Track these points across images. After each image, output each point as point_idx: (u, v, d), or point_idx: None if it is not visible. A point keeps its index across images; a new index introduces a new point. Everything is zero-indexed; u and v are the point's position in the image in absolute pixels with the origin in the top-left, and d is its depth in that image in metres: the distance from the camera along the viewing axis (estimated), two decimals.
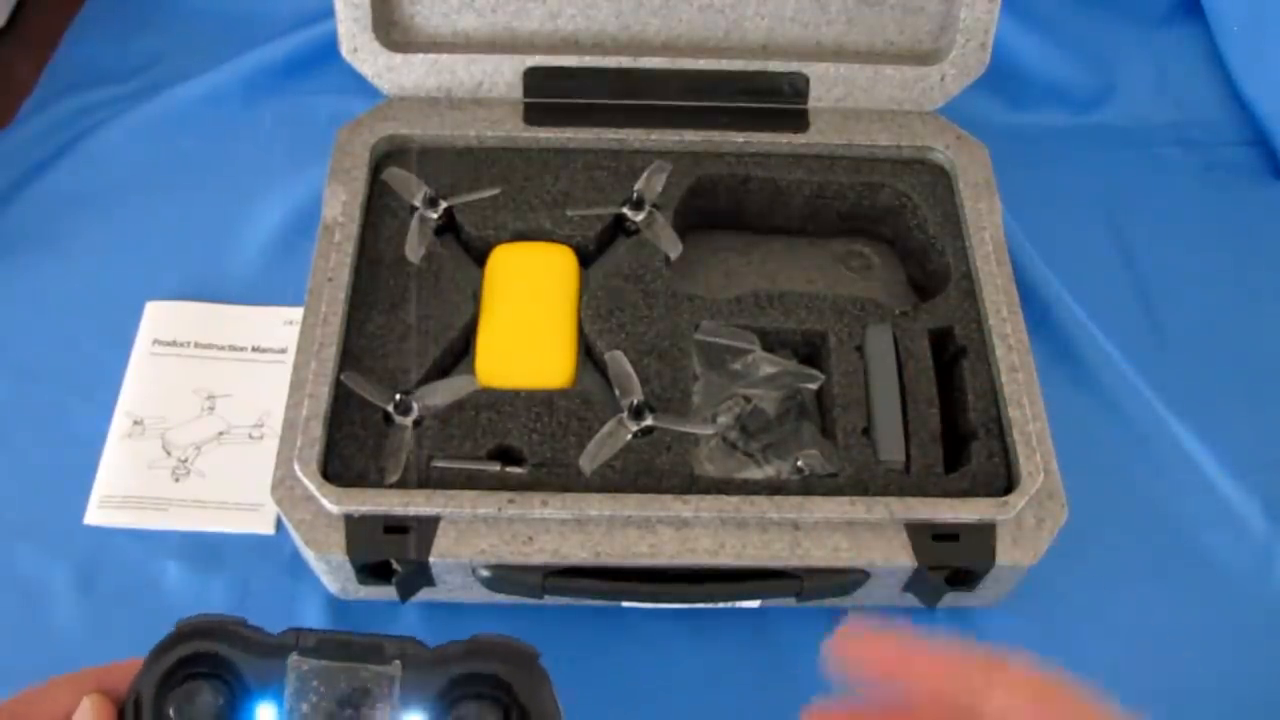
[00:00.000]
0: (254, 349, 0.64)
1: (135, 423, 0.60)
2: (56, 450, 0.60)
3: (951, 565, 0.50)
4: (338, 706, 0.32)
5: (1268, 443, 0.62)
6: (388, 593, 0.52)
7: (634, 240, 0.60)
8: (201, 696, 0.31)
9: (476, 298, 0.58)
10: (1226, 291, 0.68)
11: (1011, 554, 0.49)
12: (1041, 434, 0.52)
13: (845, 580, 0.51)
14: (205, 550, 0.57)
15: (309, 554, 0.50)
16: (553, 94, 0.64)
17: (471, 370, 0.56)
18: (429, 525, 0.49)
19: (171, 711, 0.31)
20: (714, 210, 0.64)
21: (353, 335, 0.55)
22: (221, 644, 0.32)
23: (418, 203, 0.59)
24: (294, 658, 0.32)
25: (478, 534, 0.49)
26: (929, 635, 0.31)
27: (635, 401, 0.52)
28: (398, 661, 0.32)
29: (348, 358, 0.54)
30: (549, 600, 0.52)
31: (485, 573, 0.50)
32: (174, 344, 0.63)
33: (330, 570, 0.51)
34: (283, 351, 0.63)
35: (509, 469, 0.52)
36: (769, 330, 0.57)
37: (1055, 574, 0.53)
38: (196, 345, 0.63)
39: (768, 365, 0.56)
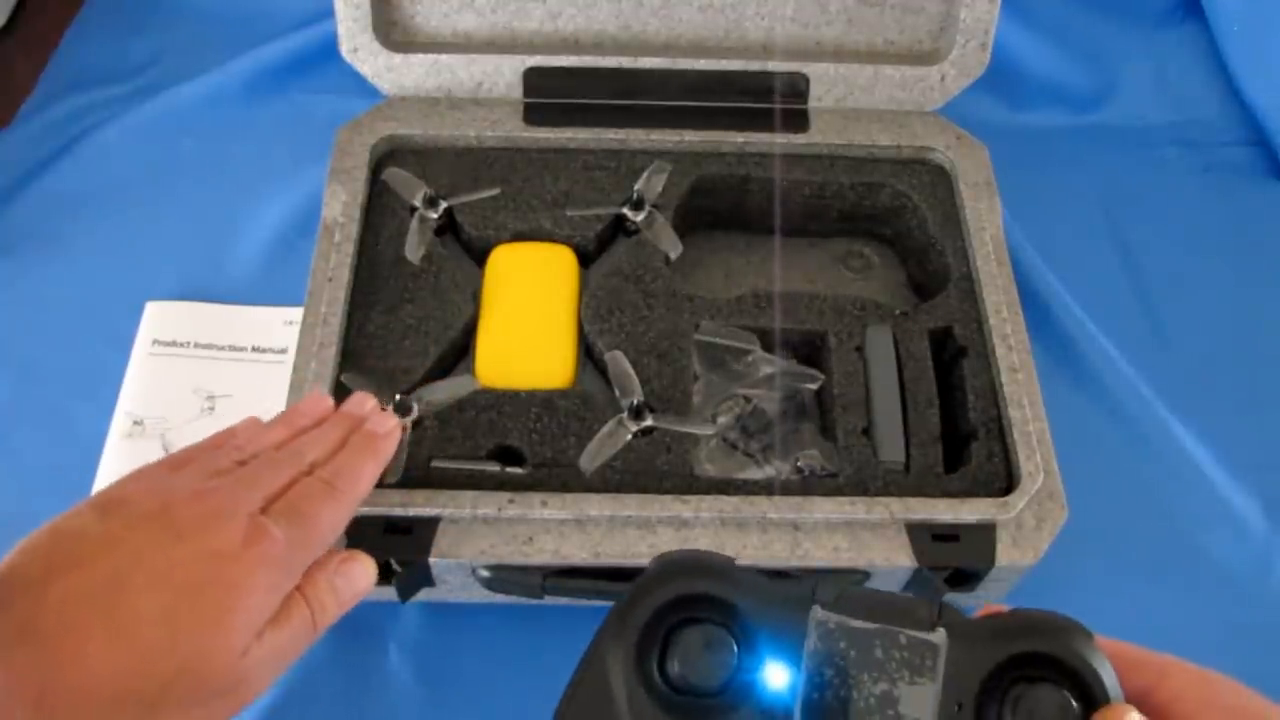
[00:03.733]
0: (254, 349, 0.64)
1: (135, 423, 0.60)
2: (56, 450, 0.60)
3: (952, 566, 0.50)
4: (869, 676, 0.26)
5: (1268, 443, 0.62)
6: (387, 593, 0.52)
7: (634, 240, 0.60)
8: (711, 647, 0.26)
9: (476, 298, 0.58)
10: (1226, 291, 0.68)
11: (1011, 554, 0.49)
12: (1041, 434, 0.52)
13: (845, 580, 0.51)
14: None
15: None
16: (553, 94, 0.64)
17: (471, 370, 0.56)
18: (429, 525, 0.49)
19: (671, 660, 0.26)
20: (714, 210, 0.64)
21: (353, 335, 0.55)
22: (729, 588, 0.27)
23: (418, 203, 0.59)
24: (816, 611, 0.27)
25: (478, 534, 0.49)
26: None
27: (635, 401, 0.52)
28: (943, 630, 0.27)
29: (348, 358, 0.54)
30: (549, 600, 0.52)
31: (485, 573, 0.50)
32: (174, 344, 0.63)
33: None
34: (283, 351, 0.63)
35: (509, 469, 0.52)
36: (769, 330, 0.57)
37: (1055, 574, 0.53)
38: (196, 345, 0.63)
39: (768, 365, 0.56)
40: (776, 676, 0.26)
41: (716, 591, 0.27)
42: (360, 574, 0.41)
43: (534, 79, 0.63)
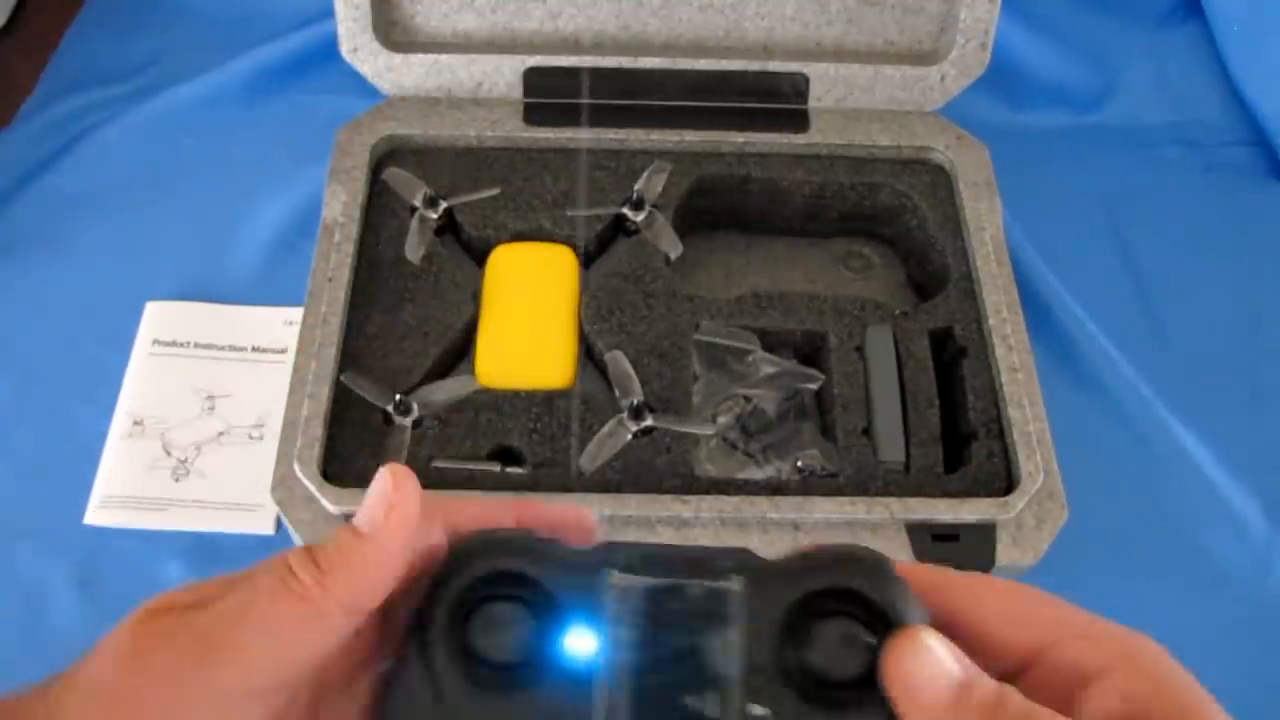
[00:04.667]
0: (254, 349, 0.64)
1: (135, 423, 0.60)
2: (56, 450, 0.60)
3: (952, 565, 0.50)
4: (669, 631, 0.27)
5: (1268, 443, 0.62)
6: None
7: (634, 240, 0.60)
8: (507, 622, 0.27)
9: (476, 298, 0.58)
10: (1226, 291, 0.68)
11: (1011, 554, 0.49)
12: (1041, 434, 0.52)
13: None
14: (205, 550, 0.57)
15: None
16: (553, 94, 0.64)
17: (471, 370, 0.56)
18: None
19: (473, 640, 0.27)
20: (714, 210, 0.64)
21: (353, 335, 0.55)
22: (524, 560, 0.27)
23: (418, 203, 0.59)
24: (612, 575, 0.27)
25: None
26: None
27: (635, 401, 0.52)
28: (737, 576, 0.27)
29: (348, 358, 0.54)
30: None
31: None
32: (174, 344, 0.63)
33: None
34: (283, 351, 0.63)
35: (509, 469, 0.52)
36: (769, 330, 0.57)
37: (1055, 574, 0.53)
38: (196, 345, 0.63)
39: (768, 365, 0.56)
40: (579, 644, 0.27)
41: (514, 567, 0.27)
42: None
43: (534, 79, 0.63)
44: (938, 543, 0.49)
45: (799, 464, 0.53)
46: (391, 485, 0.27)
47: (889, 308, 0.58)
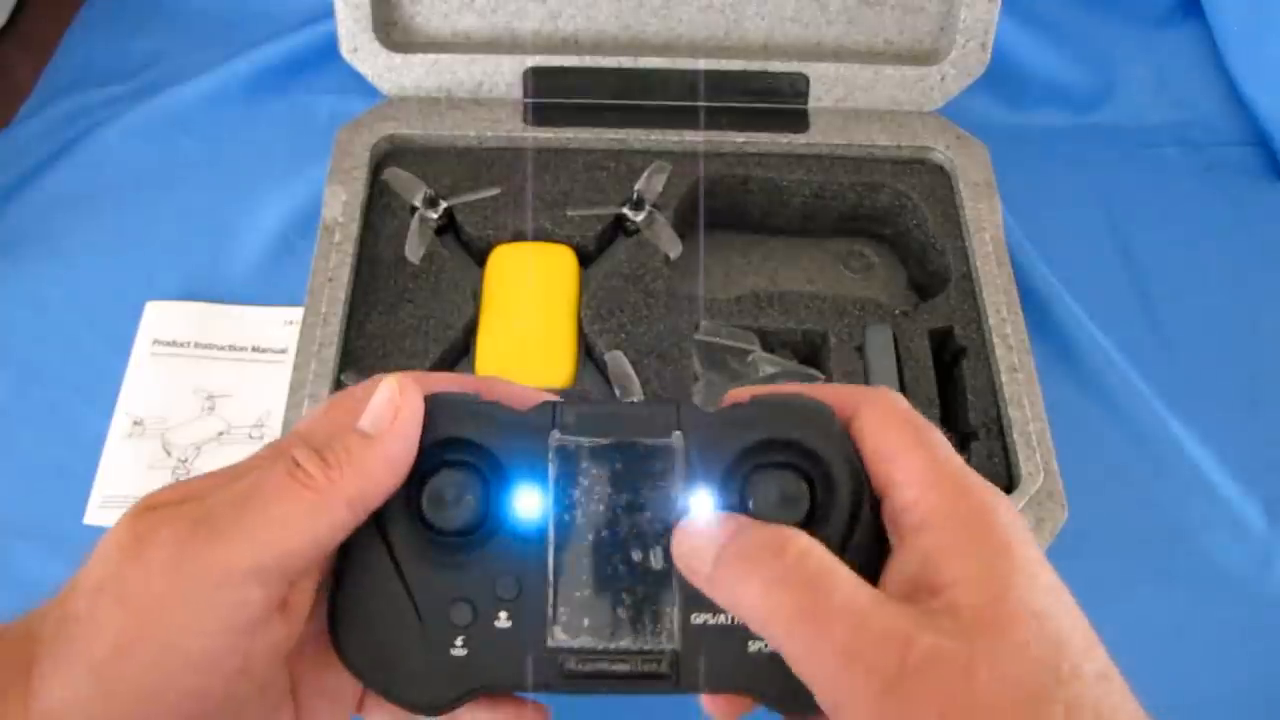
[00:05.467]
0: (254, 349, 0.64)
1: (135, 423, 0.60)
2: (56, 450, 0.60)
3: None
4: (613, 489, 0.28)
5: (1268, 443, 0.62)
6: None
7: (634, 240, 0.60)
8: (455, 490, 0.28)
9: (476, 298, 0.58)
10: (1226, 291, 0.68)
11: None
12: (1041, 434, 0.52)
13: None
14: None
15: None
16: (553, 94, 0.64)
17: (471, 370, 0.56)
18: None
19: (424, 508, 0.28)
20: (714, 210, 0.64)
21: (353, 335, 0.55)
22: (471, 427, 0.28)
23: (418, 203, 0.59)
24: (554, 436, 0.28)
25: None
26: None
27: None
28: (679, 432, 0.28)
29: (348, 358, 0.54)
30: None
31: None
32: (174, 344, 0.63)
33: None
34: (283, 351, 0.63)
35: None
36: (769, 330, 0.57)
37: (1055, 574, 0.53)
38: (196, 345, 0.63)
39: (768, 365, 0.56)
40: (528, 505, 0.28)
41: (458, 433, 0.28)
42: None
43: (534, 79, 0.63)
44: None
45: None
46: (399, 391, 0.28)
47: (889, 308, 0.58)
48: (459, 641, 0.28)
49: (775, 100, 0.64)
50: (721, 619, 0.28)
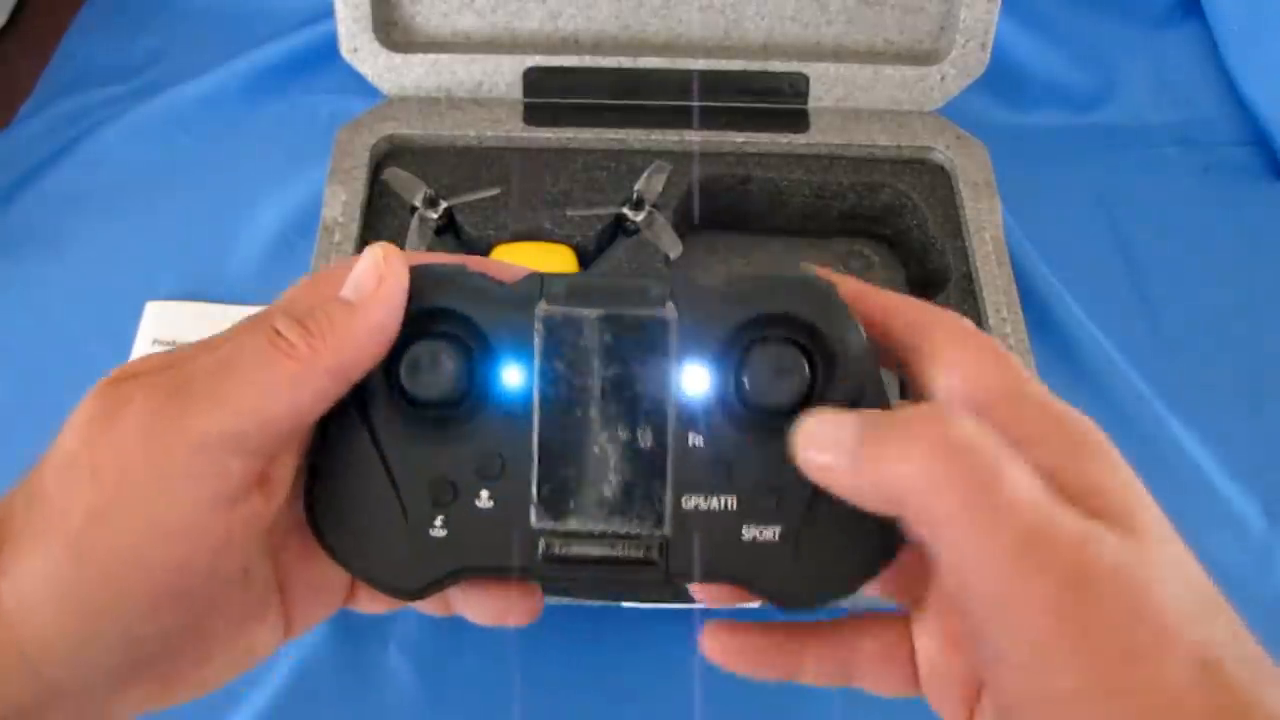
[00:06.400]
0: None
1: None
2: None
3: None
4: (600, 361, 0.26)
5: (1268, 443, 0.62)
6: None
7: (634, 240, 0.60)
8: (436, 360, 0.26)
9: None
10: (1226, 291, 0.68)
11: None
12: None
13: None
14: None
15: None
16: (553, 94, 0.64)
17: None
18: None
19: (403, 378, 0.27)
20: (714, 210, 0.64)
21: None
22: (455, 297, 0.27)
23: (418, 203, 0.59)
24: (541, 306, 0.26)
25: None
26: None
27: None
28: (671, 303, 0.26)
29: None
30: (550, 600, 0.52)
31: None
32: (174, 344, 0.63)
33: None
34: None
35: None
36: None
37: None
38: None
39: None
40: (512, 378, 0.26)
41: (443, 304, 0.27)
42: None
43: (534, 79, 0.63)
44: None
45: None
46: (383, 259, 0.27)
47: None
48: (438, 521, 0.27)
49: (775, 100, 0.64)
50: (715, 503, 0.26)
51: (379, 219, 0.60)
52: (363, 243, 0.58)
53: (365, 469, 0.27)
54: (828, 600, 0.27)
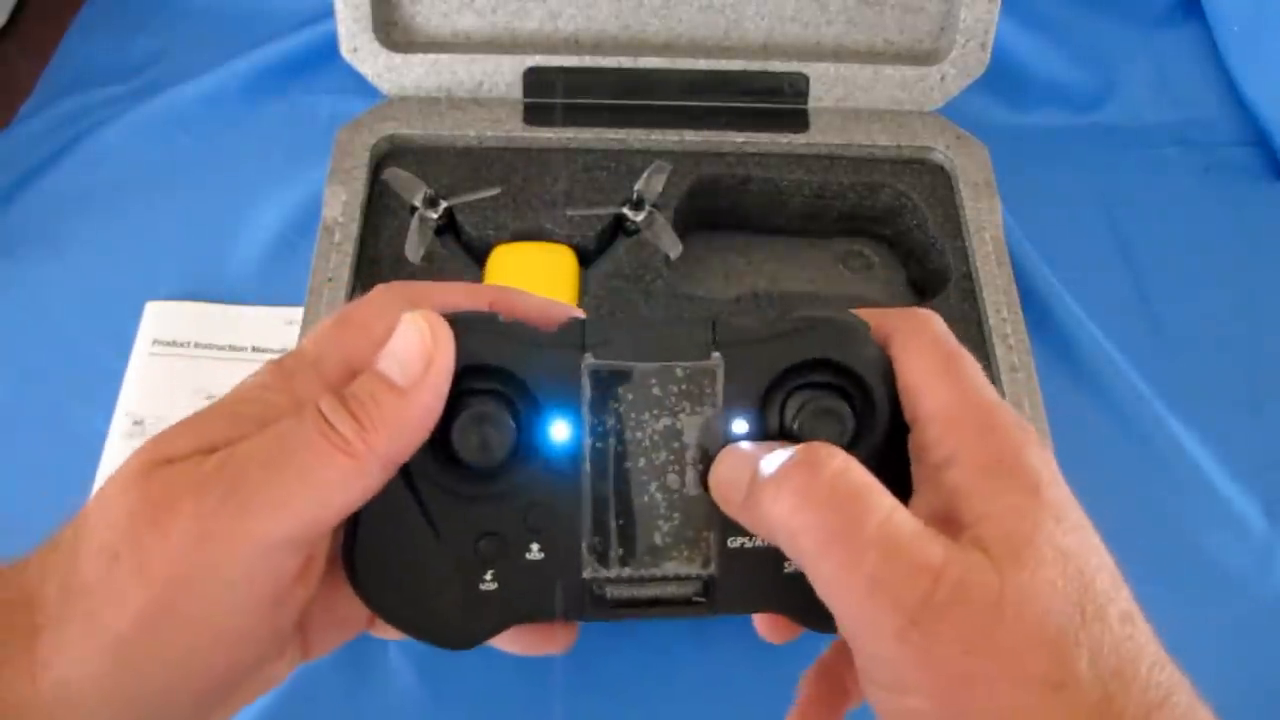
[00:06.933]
0: (254, 349, 0.64)
1: (135, 423, 0.60)
2: (56, 450, 0.59)
3: None
4: (650, 414, 0.26)
5: (1268, 443, 0.62)
6: None
7: (634, 240, 0.60)
8: (486, 421, 0.26)
9: None
10: (1226, 291, 0.68)
11: None
12: (1041, 434, 0.52)
13: None
14: None
15: None
16: (553, 94, 0.64)
17: None
18: None
19: (454, 444, 0.26)
20: (714, 210, 0.64)
21: None
22: (497, 353, 0.26)
23: (418, 203, 0.59)
24: (588, 359, 0.26)
25: None
26: None
27: None
28: (718, 354, 0.27)
29: None
30: None
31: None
32: (174, 344, 0.63)
33: None
34: (282, 351, 0.63)
35: None
36: None
37: None
38: (196, 345, 0.63)
39: None
40: (559, 433, 0.26)
41: (486, 360, 0.26)
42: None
43: (534, 79, 0.63)
44: None
45: None
46: (429, 334, 0.25)
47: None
48: (489, 575, 0.27)
49: (775, 100, 0.64)
50: (758, 542, 0.27)
51: (379, 219, 0.60)
52: (363, 243, 0.58)
53: (410, 528, 0.27)
54: None
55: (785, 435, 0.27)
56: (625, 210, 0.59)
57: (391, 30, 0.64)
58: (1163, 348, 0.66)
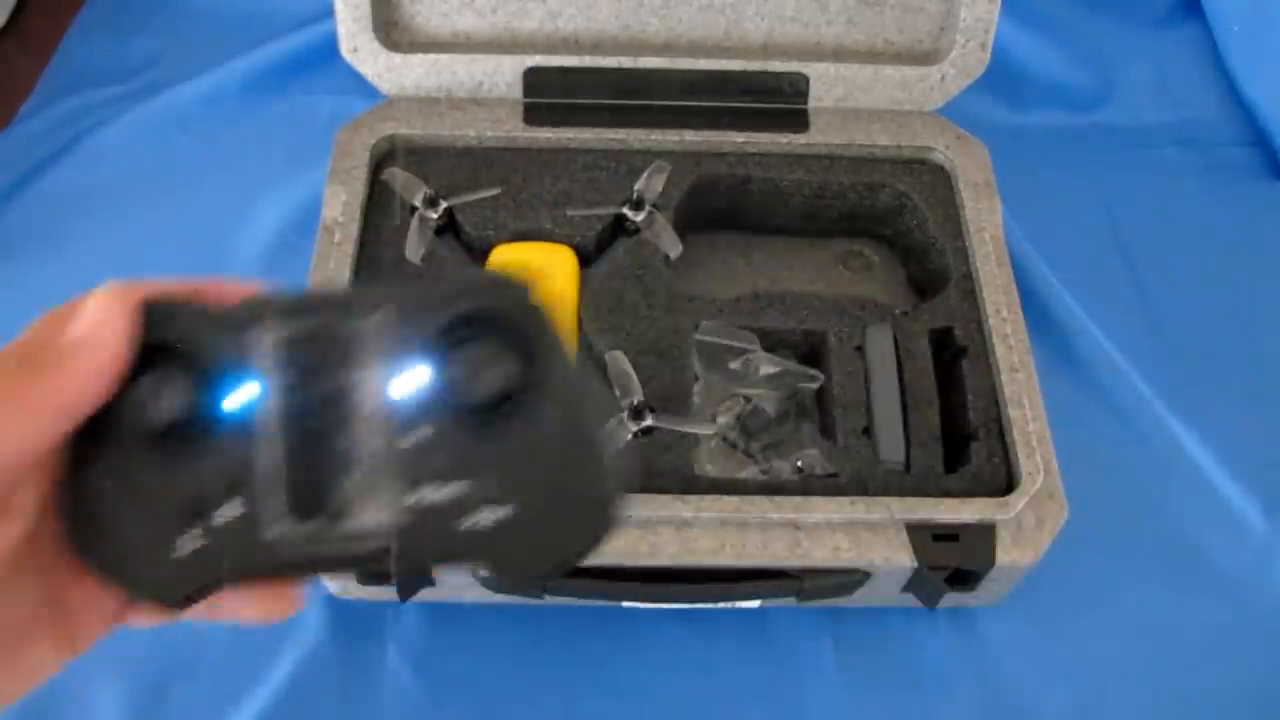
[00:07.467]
0: None
1: None
2: None
3: (951, 565, 0.50)
4: (325, 372, 0.28)
5: (1268, 443, 0.62)
6: (388, 592, 0.52)
7: (634, 240, 0.60)
8: (166, 389, 0.28)
9: None
10: (1226, 291, 0.68)
11: (1011, 554, 0.49)
12: (1041, 434, 0.52)
13: (845, 580, 0.51)
14: None
15: None
16: (553, 94, 0.64)
17: None
18: None
19: (141, 407, 0.28)
20: (714, 210, 0.64)
21: None
22: (179, 329, 0.29)
23: (418, 203, 0.59)
24: (265, 326, 0.29)
25: None
26: None
27: (635, 401, 0.52)
28: (381, 312, 0.29)
29: None
30: (549, 600, 0.52)
31: (485, 573, 0.50)
32: None
33: None
34: None
35: None
36: (769, 330, 0.57)
37: (1055, 574, 0.53)
38: None
39: (768, 365, 0.56)
40: (235, 400, 0.28)
41: (169, 335, 0.29)
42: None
43: (534, 79, 0.63)
44: (938, 542, 0.49)
45: (799, 464, 0.53)
46: (108, 299, 0.29)
47: (889, 308, 0.58)
48: (186, 537, 0.28)
49: (775, 100, 0.64)
50: (444, 493, 0.28)
51: (379, 219, 0.60)
52: (363, 243, 0.58)
53: (114, 491, 0.29)
54: (553, 570, 0.29)
55: (451, 387, 0.29)
56: (625, 210, 0.59)
57: (391, 30, 0.64)
58: (1162, 348, 0.66)
